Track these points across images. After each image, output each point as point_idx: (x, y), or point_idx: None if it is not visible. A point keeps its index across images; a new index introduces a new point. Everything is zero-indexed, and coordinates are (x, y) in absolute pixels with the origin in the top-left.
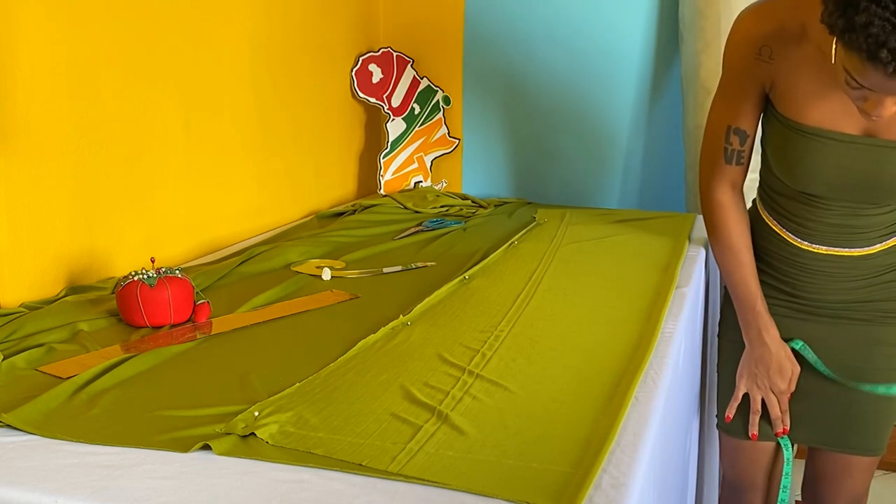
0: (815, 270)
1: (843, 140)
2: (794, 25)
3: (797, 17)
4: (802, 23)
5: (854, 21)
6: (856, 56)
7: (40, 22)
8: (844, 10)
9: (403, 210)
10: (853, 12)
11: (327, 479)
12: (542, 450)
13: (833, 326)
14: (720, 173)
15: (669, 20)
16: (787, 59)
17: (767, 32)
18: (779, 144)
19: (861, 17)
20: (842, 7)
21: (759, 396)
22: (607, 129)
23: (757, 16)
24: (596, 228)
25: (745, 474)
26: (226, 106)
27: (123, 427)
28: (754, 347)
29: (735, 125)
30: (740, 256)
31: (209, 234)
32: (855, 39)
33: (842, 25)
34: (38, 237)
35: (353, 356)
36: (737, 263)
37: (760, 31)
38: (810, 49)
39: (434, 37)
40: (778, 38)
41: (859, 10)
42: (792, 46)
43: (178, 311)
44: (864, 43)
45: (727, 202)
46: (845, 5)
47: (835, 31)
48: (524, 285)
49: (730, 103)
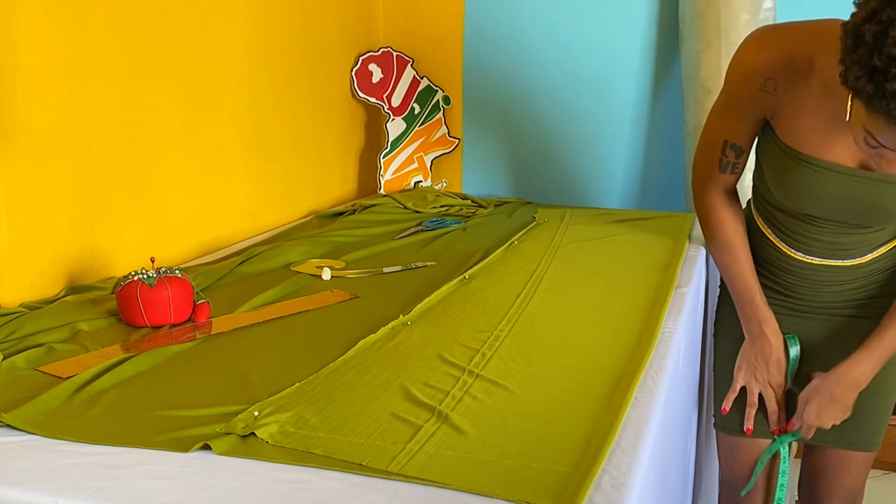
0: (808, 277)
1: (840, 171)
2: (801, 58)
3: (805, 50)
4: (810, 55)
5: (885, 88)
6: (882, 120)
7: (40, 22)
8: (872, 75)
9: (403, 210)
10: (882, 79)
11: (327, 479)
12: (542, 450)
13: (826, 323)
14: (714, 180)
15: (669, 20)
16: (792, 92)
17: (774, 65)
18: (776, 167)
19: (892, 85)
20: (870, 72)
21: (757, 390)
22: (607, 129)
23: (765, 45)
24: (596, 228)
25: (743, 473)
26: (226, 106)
27: (123, 427)
28: (754, 340)
29: (732, 141)
30: (736, 252)
31: (209, 234)
32: (885, 106)
33: (870, 91)
34: (38, 237)
35: (353, 356)
36: (733, 259)
37: (767, 62)
38: (815, 82)
39: (434, 37)
40: (784, 71)
41: (889, 77)
42: (797, 79)
43: (178, 311)
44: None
45: (721, 202)
46: (873, 71)
47: (860, 95)
48: (524, 285)
49: (729, 120)
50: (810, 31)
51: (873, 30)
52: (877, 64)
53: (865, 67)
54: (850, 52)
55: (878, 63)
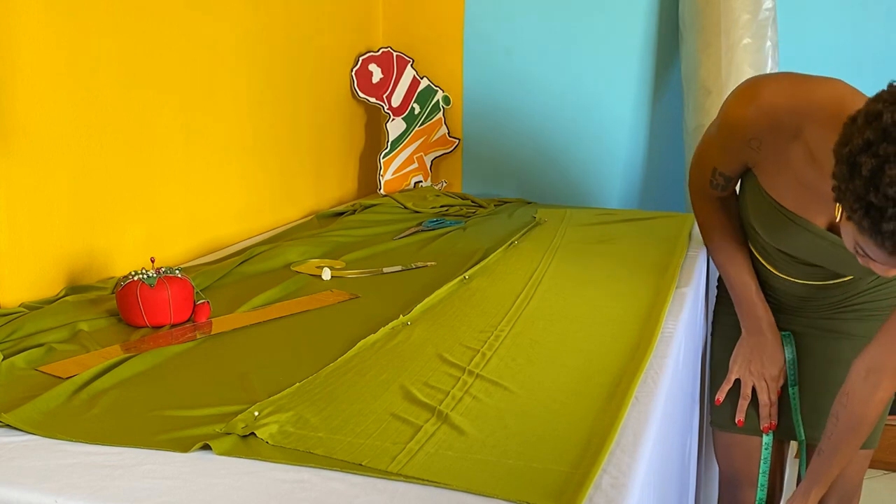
0: (792, 292)
1: (812, 231)
2: (790, 125)
3: (795, 119)
4: (799, 124)
5: (881, 226)
6: (874, 245)
7: (41, 22)
8: (867, 211)
9: (403, 210)
10: (879, 217)
11: (327, 479)
12: (542, 450)
13: (809, 320)
14: (708, 192)
15: (669, 20)
16: (776, 152)
17: (761, 127)
18: (755, 206)
19: (889, 225)
20: (865, 207)
21: (751, 382)
22: (607, 129)
23: (757, 103)
24: (596, 228)
25: (741, 470)
26: (226, 106)
27: (123, 427)
28: (750, 334)
29: (720, 170)
30: (732, 251)
31: (209, 234)
32: (880, 241)
33: (866, 226)
34: (38, 237)
35: (353, 356)
36: (730, 258)
37: (755, 123)
38: (800, 148)
39: (434, 37)
40: (770, 135)
41: (886, 216)
42: (782, 143)
43: (178, 311)
44: (891, 246)
45: (716, 204)
46: (869, 207)
47: (855, 222)
48: (524, 285)
49: (717, 152)
50: (804, 101)
51: (870, 163)
52: (873, 201)
53: (861, 201)
54: (844, 180)
55: (875, 201)
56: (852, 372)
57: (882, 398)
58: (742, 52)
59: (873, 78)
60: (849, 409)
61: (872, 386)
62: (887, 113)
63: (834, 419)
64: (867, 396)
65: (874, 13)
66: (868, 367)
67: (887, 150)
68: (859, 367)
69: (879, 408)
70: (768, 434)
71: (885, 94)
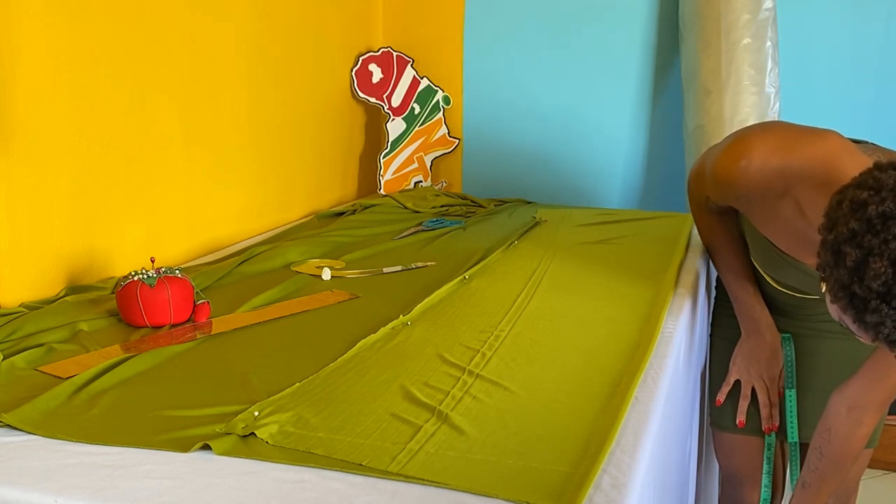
0: (788, 300)
1: (803, 270)
2: (778, 185)
3: (784, 181)
4: (787, 184)
5: (864, 317)
6: (858, 329)
7: (40, 22)
8: (851, 300)
9: (403, 210)
10: (863, 308)
11: (327, 479)
12: (542, 450)
13: (808, 322)
14: (706, 206)
15: (669, 20)
16: (765, 208)
17: (750, 189)
18: (754, 239)
19: (872, 317)
20: (849, 297)
21: (751, 383)
22: (607, 129)
23: (745, 167)
24: (596, 228)
25: (742, 470)
26: (226, 106)
27: (123, 427)
28: (749, 336)
29: (714, 201)
30: (730, 255)
31: (209, 234)
32: (863, 329)
33: (851, 316)
34: (38, 237)
35: (353, 356)
36: (728, 263)
37: (744, 186)
38: (789, 202)
39: (434, 37)
40: (759, 194)
41: (869, 308)
42: (771, 199)
43: (178, 311)
44: (874, 336)
45: (714, 216)
46: (851, 297)
47: (842, 312)
48: (524, 285)
49: (710, 189)
50: (794, 162)
51: (854, 255)
52: (857, 292)
53: (846, 290)
54: (829, 267)
55: (859, 292)
56: (832, 408)
57: (866, 433)
58: (742, 52)
59: (873, 78)
60: (833, 445)
61: (855, 422)
62: (872, 204)
63: (818, 453)
64: (850, 434)
65: (874, 13)
66: (850, 405)
67: (871, 242)
68: (839, 405)
69: (863, 441)
70: (770, 435)
71: (871, 181)
